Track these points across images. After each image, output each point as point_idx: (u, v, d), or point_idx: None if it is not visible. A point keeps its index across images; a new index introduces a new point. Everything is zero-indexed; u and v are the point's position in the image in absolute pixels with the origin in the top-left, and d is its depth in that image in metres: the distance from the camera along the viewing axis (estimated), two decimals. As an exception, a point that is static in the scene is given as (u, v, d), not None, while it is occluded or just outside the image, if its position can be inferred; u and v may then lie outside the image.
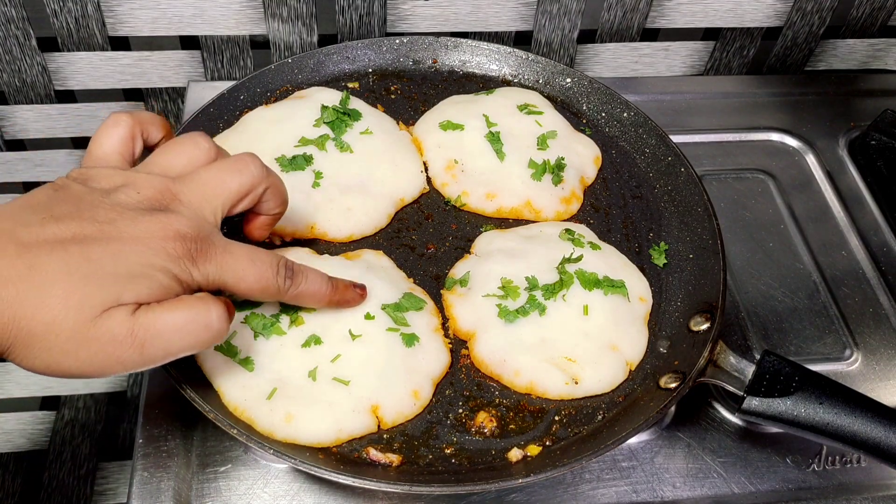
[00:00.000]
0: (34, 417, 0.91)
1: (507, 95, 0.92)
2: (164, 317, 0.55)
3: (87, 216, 0.55)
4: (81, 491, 0.87)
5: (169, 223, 0.57)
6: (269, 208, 0.67)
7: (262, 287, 0.61)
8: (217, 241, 0.59)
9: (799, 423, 0.66)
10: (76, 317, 0.52)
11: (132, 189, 0.58)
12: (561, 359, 0.72)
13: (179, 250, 0.56)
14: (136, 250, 0.55)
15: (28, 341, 0.51)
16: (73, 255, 0.52)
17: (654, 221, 0.86)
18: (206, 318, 0.56)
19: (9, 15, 0.95)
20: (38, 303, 0.51)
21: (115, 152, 0.62)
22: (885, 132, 1.03)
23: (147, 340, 0.54)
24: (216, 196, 0.61)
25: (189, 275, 0.57)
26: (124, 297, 0.53)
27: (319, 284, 0.66)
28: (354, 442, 0.67)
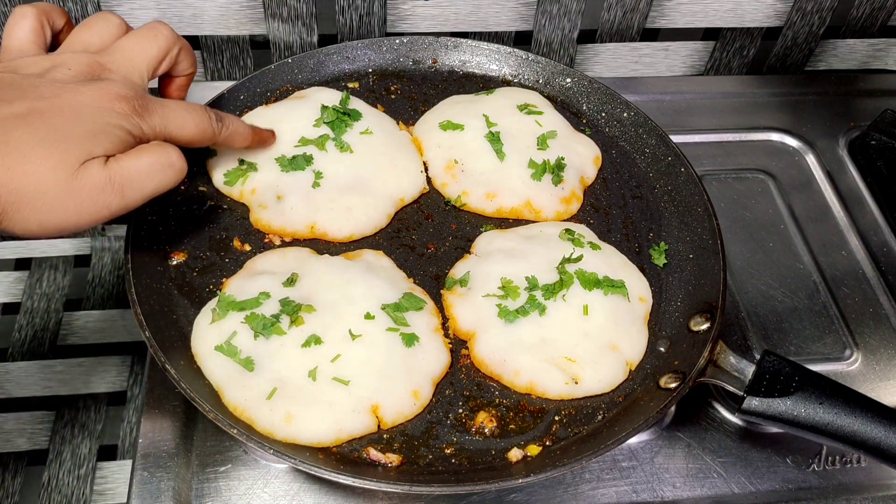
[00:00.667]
0: (34, 417, 0.91)
1: (507, 95, 0.92)
2: (133, 162, 0.62)
3: (33, 95, 0.60)
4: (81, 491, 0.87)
5: (108, 88, 0.63)
6: (184, 69, 0.74)
7: (201, 130, 0.68)
8: (153, 99, 0.66)
9: (799, 423, 0.66)
10: (58, 173, 0.58)
11: (63, 67, 0.64)
12: (561, 359, 0.72)
13: (126, 108, 0.63)
14: (90, 114, 0.61)
15: (19, 205, 0.57)
16: (37, 125, 0.58)
17: (654, 221, 0.86)
18: (168, 158, 0.64)
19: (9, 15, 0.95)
20: (20, 168, 0.56)
21: (29, 41, 0.67)
22: (885, 132, 1.03)
23: (125, 184, 0.61)
24: (140, 61, 0.68)
25: (139, 128, 0.63)
26: (95, 150, 0.60)
27: (243, 126, 0.75)
28: (354, 442, 0.67)
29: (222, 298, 0.71)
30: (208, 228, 0.79)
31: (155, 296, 0.72)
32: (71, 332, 0.99)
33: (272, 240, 0.79)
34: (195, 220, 0.80)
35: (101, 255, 1.05)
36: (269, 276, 0.73)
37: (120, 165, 0.61)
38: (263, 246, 0.79)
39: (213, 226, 0.80)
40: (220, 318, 0.70)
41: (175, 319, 0.72)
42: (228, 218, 0.80)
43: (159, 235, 0.77)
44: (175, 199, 0.80)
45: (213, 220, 0.80)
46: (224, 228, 0.80)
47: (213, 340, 0.69)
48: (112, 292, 1.02)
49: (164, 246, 0.77)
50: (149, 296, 0.71)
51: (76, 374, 0.96)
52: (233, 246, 0.78)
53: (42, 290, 1.02)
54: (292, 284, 0.72)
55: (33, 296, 1.01)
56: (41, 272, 1.03)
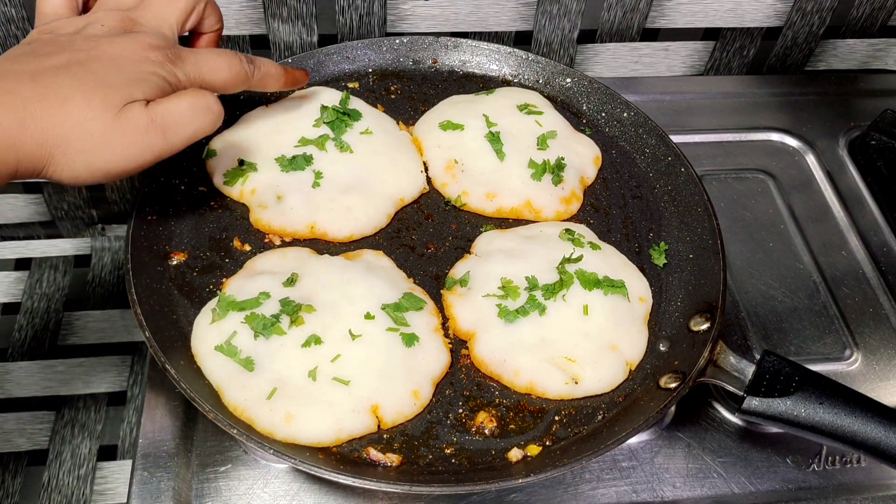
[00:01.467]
0: (34, 417, 0.91)
1: (507, 95, 0.92)
2: (173, 105, 0.64)
3: (71, 48, 0.63)
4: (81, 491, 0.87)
5: (141, 39, 0.65)
6: (211, 24, 0.75)
7: (234, 74, 0.70)
8: (184, 49, 0.68)
9: (799, 423, 0.66)
10: (102, 114, 0.60)
11: (97, 24, 0.66)
12: (561, 359, 0.72)
13: (160, 56, 0.65)
14: (127, 62, 0.63)
15: (65, 149, 0.59)
16: (77, 73, 0.60)
17: (654, 221, 0.86)
18: (206, 102, 0.66)
19: (9, 15, 0.95)
20: (64, 111, 0.58)
21: (63, 5, 0.69)
22: (885, 132, 1.03)
23: (166, 126, 0.63)
24: (169, 15, 0.70)
25: (174, 75, 0.65)
26: (135, 94, 0.62)
27: (276, 67, 0.76)
28: (354, 442, 0.67)
29: (222, 298, 0.71)
30: (208, 228, 0.79)
31: (155, 296, 0.72)
32: (71, 332, 0.99)
33: (272, 240, 0.79)
34: (195, 220, 0.80)
35: (101, 255, 1.05)
36: (269, 276, 0.73)
37: (160, 108, 0.63)
38: (263, 246, 0.79)
39: (213, 226, 0.80)
40: (220, 318, 0.70)
41: (175, 319, 0.72)
42: (228, 218, 0.80)
43: (159, 235, 0.77)
44: (175, 199, 0.80)
45: (213, 220, 0.80)
46: (224, 228, 0.80)
47: (213, 340, 0.69)
48: (112, 292, 1.02)
49: (164, 246, 0.77)
50: (149, 296, 0.71)
51: (76, 374, 0.96)
52: (233, 246, 0.78)
53: (42, 290, 1.02)
54: (292, 284, 0.72)
55: (33, 296, 1.01)
56: (41, 272, 1.03)
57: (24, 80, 0.58)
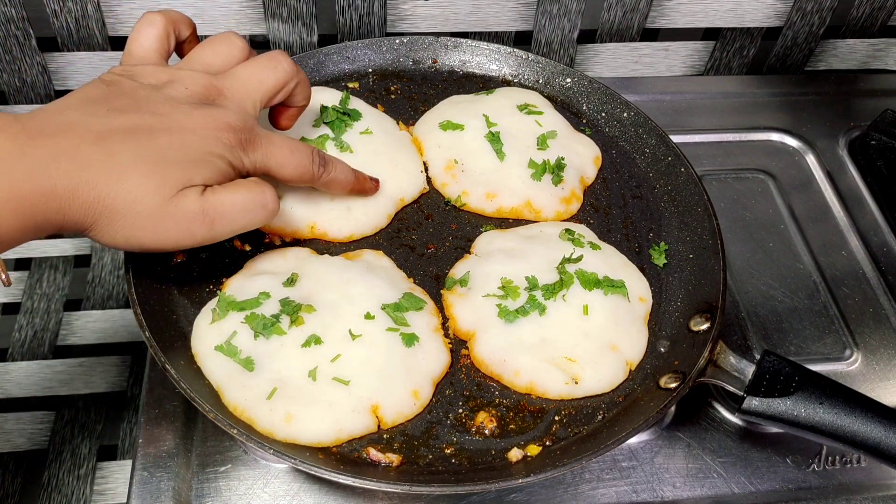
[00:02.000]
0: (34, 417, 0.91)
1: (507, 95, 0.92)
2: (229, 197, 0.62)
3: (145, 109, 0.61)
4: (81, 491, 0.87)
5: (219, 116, 0.63)
6: (298, 101, 0.73)
7: (300, 173, 0.69)
8: (260, 132, 0.66)
9: (799, 423, 0.66)
10: (155, 196, 0.58)
11: (180, 85, 0.64)
12: (561, 359, 0.72)
13: (232, 140, 0.63)
14: (196, 140, 0.61)
15: (111, 219, 0.58)
16: (143, 142, 0.59)
17: (654, 221, 0.86)
18: (263, 198, 0.64)
19: (9, 15, 0.95)
20: (120, 184, 0.57)
21: (153, 50, 0.67)
22: (885, 132, 1.03)
23: (216, 217, 0.62)
24: (255, 91, 0.67)
25: (241, 162, 0.64)
26: (194, 179, 0.60)
27: (346, 174, 0.75)
28: (354, 442, 0.67)
29: (222, 298, 0.71)
30: (208, 228, 0.79)
31: (155, 296, 0.72)
32: (71, 332, 0.99)
33: (272, 240, 0.79)
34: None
35: (101, 255, 1.05)
36: (269, 276, 0.73)
37: (215, 198, 0.62)
38: (263, 246, 0.79)
39: (213, 226, 0.80)
40: (220, 318, 0.70)
41: (175, 319, 0.72)
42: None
43: (159, 235, 0.77)
44: (175, 199, 0.80)
45: (213, 220, 0.80)
46: (224, 228, 0.80)
47: (213, 340, 0.69)
48: (112, 292, 1.02)
49: (164, 246, 0.77)
50: (149, 296, 0.71)
51: (76, 374, 0.96)
52: (233, 246, 0.78)
53: (42, 290, 1.02)
54: (292, 284, 0.72)
55: (33, 296, 1.01)
56: (41, 272, 1.03)
57: (87, 140, 0.57)
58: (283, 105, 0.73)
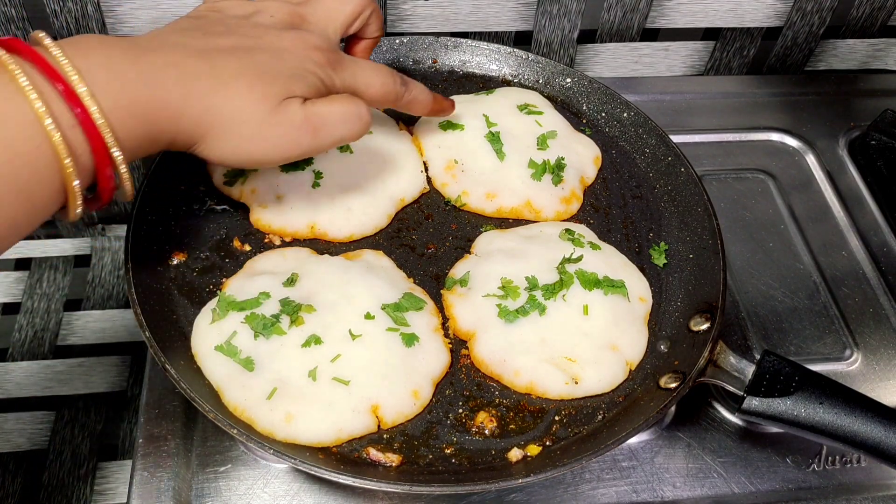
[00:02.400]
0: (34, 417, 0.91)
1: (507, 95, 0.92)
2: (328, 107, 0.65)
3: (238, 33, 0.64)
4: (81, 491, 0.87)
5: (306, 38, 0.66)
6: (372, 31, 0.76)
7: (385, 91, 0.71)
8: (344, 55, 0.69)
9: (799, 423, 0.66)
10: (261, 105, 0.61)
11: (266, 13, 0.67)
12: (561, 359, 0.72)
13: (321, 59, 0.66)
14: (290, 57, 0.64)
15: (220, 130, 0.60)
16: (243, 58, 0.61)
17: (654, 221, 0.86)
18: (359, 110, 0.66)
19: (9, 15, 0.95)
20: (227, 94, 0.60)
21: None
22: (885, 132, 1.03)
23: (319, 126, 0.64)
24: (336, 18, 0.71)
25: (331, 79, 0.66)
26: (295, 90, 0.63)
27: (425, 93, 0.76)
28: (354, 442, 0.67)
29: (222, 298, 0.71)
30: (208, 228, 0.79)
31: (155, 296, 0.72)
32: (71, 332, 0.99)
33: (272, 240, 0.79)
34: (195, 220, 0.80)
35: (101, 255, 1.05)
36: (269, 276, 0.73)
37: (316, 108, 0.64)
38: (263, 246, 0.79)
39: (213, 226, 0.80)
40: (220, 318, 0.70)
41: (175, 319, 0.72)
42: (228, 218, 0.80)
43: (159, 235, 0.77)
44: (175, 199, 0.80)
45: (213, 220, 0.80)
46: (224, 228, 0.80)
47: (213, 340, 0.69)
48: (112, 292, 1.02)
49: (164, 246, 0.77)
50: (149, 296, 0.71)
51: (76, 374, 0.96)
52: (233, 246, 0.78)
53: (42, 290, 1.02)
54: (292, 284, 0.72)
55: (33, 296, 1.01)
56: (41, 272, 1.03)
57: (191, 55, 0.60)
58: (357, 37, 0.76)
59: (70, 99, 0.52)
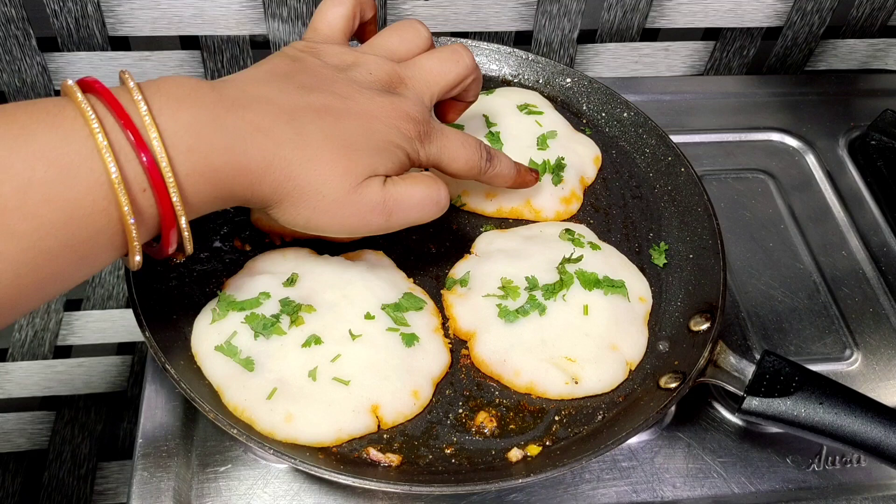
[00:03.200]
0: (34, 417, 0.91)
1: (507, 95, 0.92)
2: (409, 190, 0.62)
3: (330, 89, 0.61)
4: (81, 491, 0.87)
5: (400, 104, 0.63)
6: (469, 96, 0.73)
7: (469, 167, 0.68)
8: (436, 125, 0.66)
9: (799, 423, 0.66)
10: (342, 182, 0.59)
11: (364, 69, 0.64)
12: (561, 359, 0.72)
13: (411, 131, 0.63)
14: (380, 127, 0.61)
15: (297, 199, 0.58)
16: (331, 123, 0.59)
17: (654, 221, 0.86)
18: (438, 195, 0.65)
19: (9, 15, 0.95)
20: (311, 164, 0.57)
21: (339, 29, 0.67)
22: (885, 132, 1.03)
23: (394, 209, 0.62)
24: (436, 83, 0.67)
25: (416, 153, 0.64)
26: (378, 168, 0.60)
27: (509, 168, 0.74)
28: (354, 442, 0.67)
29: (222, 298, 0.71)
30: (208, 228, 0.79)
31: (155, 296, 0.72)
32: (71, 332, 0.99)
33: (272, 240, 0.79)
34: (195, 220, 0.79)
35: (101, 255, 1.05)
36: (269, 276, 0.73)
37: (396, 190, 0.62)
38: (263, 246, 0.79)
39: (213, 226, 0.80)
40: (220, 318, 0.70)
41: (175, 319, 0.72)
42: (228, 218, 0.80)
43: (159, 235, 0.77)
44: (175, 199, 0.80)
45: (214, 219, 0.80)
46: (224, 228, 0.80)
47: (213, 340, 0.69)
48: (112, 292, 1.02)
49: (164, 246, 0.77)
50: (149, 296, 0.71)
51: (76, 374, 0.96)
52: (233, 246, 0.78)
53: (42, 290, 1.02)
54: (292, 284, 0.72)
55: (33, 296, 1.01)
56: (41, 272, 1.03)
57: (280, 117, 0.57)
58: (454, 98, 0.72)
59: (150, 167, 0.51)
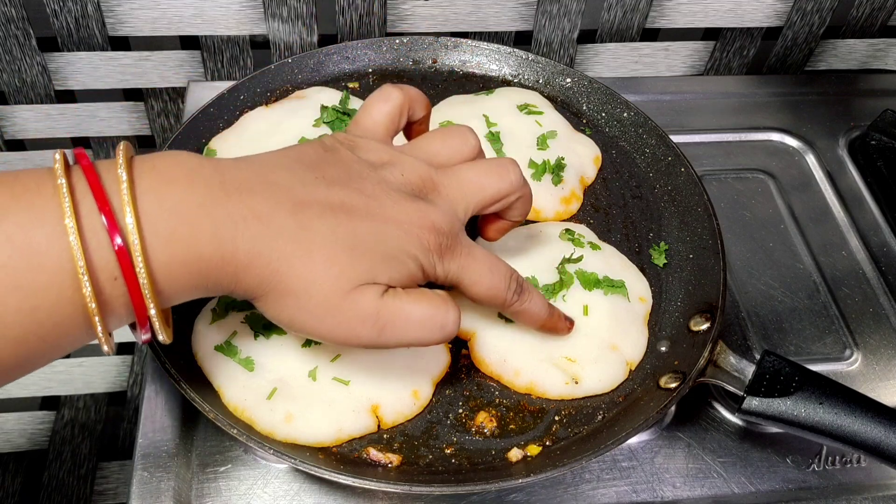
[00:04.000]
0: (34, 417, 0.91)
1: (507, 95, 0.92)
2: (409, 307, 0.56)
3: (355, 186, 0.56)
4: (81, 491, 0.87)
5: (427, 213, 0.58)
6: (514, 216, 0.67)
7: (492, 295, 0.63)
8: (464, 241, 0.61)
9: (799, 423, 0.66)
10: (333, 285, 0.54)
11: (398, 169, 0.59)
12: (561, 359, 0.72)
13: (432, 243, 0.58)
14: (396, 234, 0.56)
15: (282, 295, 0.54)
16: (341, 223, 0.54)
17: (654, 221, 0.86)
18: (444, 319, 0.58)
19: (9, 15, 0.95)
20: (302, 263, 0.53)
21: (382, 125, 0.64)
22: (885, 132, 1.03)
23: (388, 325, 0.56)
24: (473, 195, 0.62)
25: (433, 268, 0.59)
26: (379, 277, 0.55)
27: (541, 308, 0.67)
28: (354, 442, 0.67)
29: (222, 298, 0.71)
30: (208, 228, 0.79)
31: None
32: (71, 332, 0.99)
33: (272, 240, 0.79)
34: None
35: (101, 255, 1.05)
36: (269, 276, 0.73)
37: (394, 304, 0.56)
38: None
39: (213, 226, 0.79)
40: (220, 317, 0.70)
41: (175, 319, 0.72)
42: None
43: (159, 235, 0.77)
44: (175, 199, 0.80)
45: (213, 220, 0.80)
46: (224, 228, 0.79)
47: (213, 340, 0.69)
48: (112, 292, 1.02)
49: (164, 246, 0.77)
50: (149, 296, 0.71)
51: (76, 375, 0.96)
52: (233, 246, 0.78)
53: (42, 290, 1.02)
54: (292, 284, 0.72)
55: (33, 296, 1.01)
56: (41, 272, 1.03)
57: (285, 206, 0.53)
58: (495, 215, 0.67)
59: (121, 255, 0.47)
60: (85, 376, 0.94)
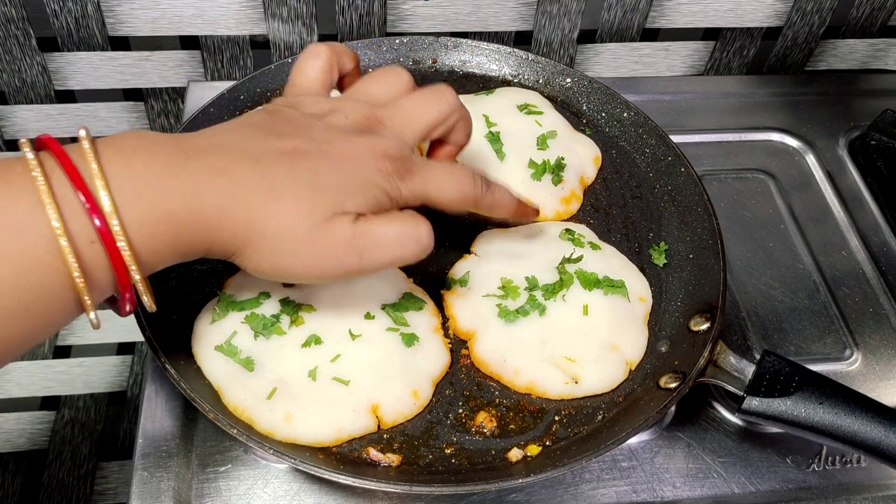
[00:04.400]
0: (34, 417, 0.91)
1: (507, 95, 0.92)
2: (382, 227, 0.59)
3: (305, 134, 0.59)
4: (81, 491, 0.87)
5: (377, 143, 0.61)
6: (457, 139, 0.70)
7: (462, 196, 0.65)
8: (417, 160, 0.63)
9: (799, 423, 0.66)
10: (305, 221, 0.56)
11: (341, 114, 0.62)
12: (561, 359, 0.72)
13: (389, 168, 0.60)
14: (353, 167, 0.59)
15: (259, 243, 0.56)
16: (299, 166, 0.57)
17: (654, 221, 0.86)
18: (417, 231, 0.61)
19: (9, 15, 0.95)
20: (271, 207, 0.55)
21: (317, 81, 0.66)
22: (885, 132, 1.03)
23: (366, 248, 0.59)
24: (416, 122, 0.65)
25: (398, 190, 0.61)
26: (347, 206, 0.58)
27: (509, 197, 0.70)
28: (354, 442, 0.67)
29: (222, 298, 0.71)
30: (208, 228, 0.79)
31: (155, 296, 0.72)
32: (71, 332, 0.99)
33: (272, 240, 0.79)
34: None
35: (101, 255, 1.05)
36: (269, 276, 0.73)
37: (367, 227, 0.59)
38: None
39: (213, 226, 0.80)
40: (220, 318, 0.70)
41: (175, 319, 0.72)
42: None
43: (159, 235, 0.77)
44: (175, 199, 0.80)
45: (213, 220, 0.80)
46: (224, 228, 0.79)
47: (213, 340, 0.69)
48: (112, 292, 1.02)
49: (164, 246, 0.77)
50: (149, 296, 0.71)
51: (76, 374, 0.96)
52: (233, 246, 0.78)
53: (42, 290, 1.02)
54: (292, 284, 0.72)
55: (33, 296, 1.01)
56: (41, 272, 1.03)
57: (243, 160, 0.56)
58: (441, 141, 0.70)
59: (94, 215, 0.49)
60: (85, 376, 0.94)
